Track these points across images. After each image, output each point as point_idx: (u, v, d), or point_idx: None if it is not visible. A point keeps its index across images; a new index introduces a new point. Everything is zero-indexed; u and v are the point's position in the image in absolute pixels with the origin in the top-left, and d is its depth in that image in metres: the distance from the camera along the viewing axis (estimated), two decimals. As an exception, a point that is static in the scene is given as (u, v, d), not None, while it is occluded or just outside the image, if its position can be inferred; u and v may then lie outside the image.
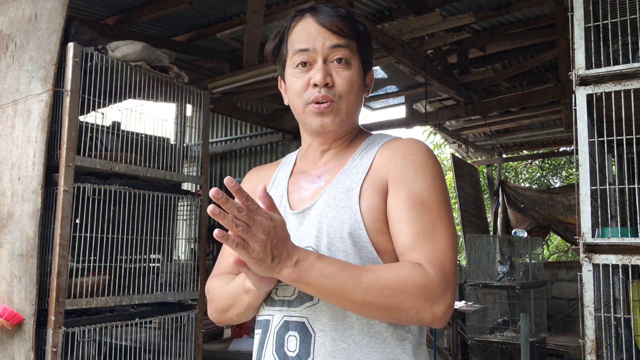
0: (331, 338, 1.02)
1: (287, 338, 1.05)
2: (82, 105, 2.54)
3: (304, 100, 1.12)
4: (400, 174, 1.06)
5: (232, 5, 4.20)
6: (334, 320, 1.02)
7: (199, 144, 3.29)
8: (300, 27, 1.14)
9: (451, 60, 5.42)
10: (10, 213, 2.42)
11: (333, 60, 1.11)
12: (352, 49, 1.13)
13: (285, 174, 1.24)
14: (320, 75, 1.09)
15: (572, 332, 6.29)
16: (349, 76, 1.12)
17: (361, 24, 1.16)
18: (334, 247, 1.04)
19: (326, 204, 1.08)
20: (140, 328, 2.78)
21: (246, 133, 6.35)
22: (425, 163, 1.07)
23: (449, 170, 12.00)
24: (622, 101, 2.06)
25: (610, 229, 2.08)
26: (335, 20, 1.11)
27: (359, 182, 1.08)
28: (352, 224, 1.04)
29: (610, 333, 2.06)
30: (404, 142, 1.13)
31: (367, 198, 1.06)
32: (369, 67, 1.21)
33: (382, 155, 1.11)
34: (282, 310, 1.07)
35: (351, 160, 1.14)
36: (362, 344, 1.02)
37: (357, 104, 1.16)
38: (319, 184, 1.15)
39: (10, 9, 2.63)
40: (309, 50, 1.11)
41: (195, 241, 3.24)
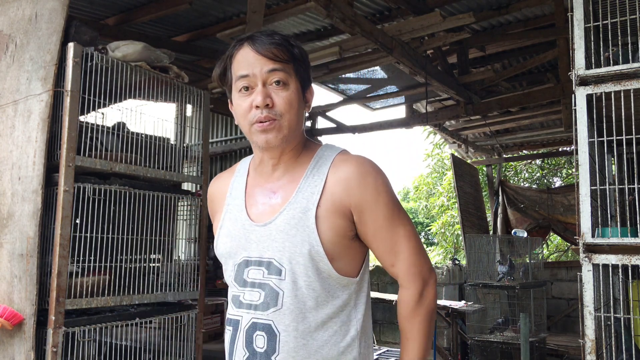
0: (293, 337, 1.22)
1: (255, 337, 1.24)
2: (82, 105, 2.54)
3: (248, 120, 1.26)
4: (361, 202, 1.25)
5: (232, 5, 4.20)
6: (295, 322, 1.22)
7: (199, 144, 3.29)
8: (240, 55, 1.28)
9: (451, 60, 5.41)
10: (10, 213, 2.42)
11: (272, 83, 1.25)
12: (288, 71, 1.26)
13: (241, 185, 1.38)
14: (260, 97, 1.23)
15: (572, 332, 6.29)
16: (287, 96, 1.26)
17: (297, 47, 1.30)
18: (295, 260, 1.23)
19: (286, 222, 1.25)
20: (140, 328, 2.78)
21: (246, 133, 6.34)
22: (375, 184, 1.27)
23: (448, 170, 12.01)
24: (622, 101, 2.06)
25: (610, 229, 2.08)
26: (270, 47, 1.25)
27: (314, 203, 1.25)
28: (311, 242, 1.22)
29: (610, 333, 2.06)
30: (351, 165, 1.28)
31: (324, 218, 1.24)
32: (308, 85, 1.34)
33: (335, 179, 1.27)
34: (249, 313, 1.25)
35: (304, 179, 1.29)
36: (318, 337, 1.23)
37: (298, 119, 1.29)
38: (275, 200, 1.30)
39: (11, 9, 2.63)
40: (249, 76, 1.25)
41: (195, 241, 3.25)
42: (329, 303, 1.24)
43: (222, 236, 1.35)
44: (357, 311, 1.29)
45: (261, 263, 1.26)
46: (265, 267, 1.25)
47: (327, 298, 1.24)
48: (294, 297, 1.22)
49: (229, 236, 1.33)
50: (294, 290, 1.22)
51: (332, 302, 1.25)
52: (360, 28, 3.56)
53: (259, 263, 1.26)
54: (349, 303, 1.27)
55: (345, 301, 1.27)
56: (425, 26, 3.80)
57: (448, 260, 11.66)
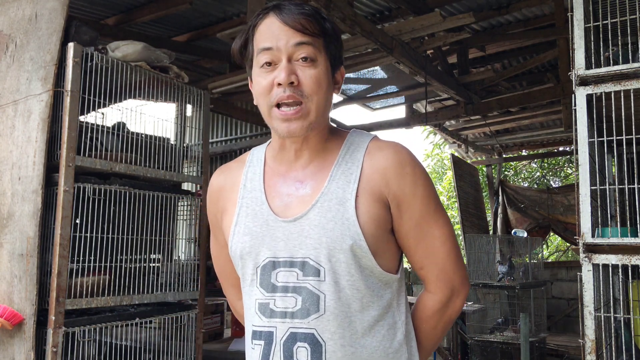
0: (340, 345, 1.07)
1: (296, 349, 1.07)
2: (82, 105, 2.54)
3: (268, 101, 1.10)
4: (399, 194, 1.12)
5: (232, 5, 4.20)
6: (341, 328, 1.07)
7: (199, 144, 3.29)
8: (264, 25, 1.11)
9: (451, 60, 5.41)
10: (10, 213, 2.42)
11: (298, 58, 1.09)
12: (317, 46, 1.10)
13: (258, 176, 1.20)
14: (284, 74, 1.07)
15: (572, 332, 6.29)
16: (315, 74, 1.09)
17: (328, 21, 1.14)
18: (335, 258, 1.08)
19: (322, 215, 1.09)
20: (140, 328, 2.78)
21: (246, 133, 6.35)
22: (413, 175, 1.13)
23: (448, 170, 12.01)
24: (622, 101, 2.06)
25: (610, 229, 2.08)
26: (298, 17, 1.08)
27: (352, 193, 1.10)
28: (353, 236, 1.07)
29: (610, 333, 2.06)
30: (389, 151, 1.14)
31: (364, 208, 1.09)
32: (339, 64, 1.18)
33: (373, 167, 1.13)
34: (285, 322, 1.08)
35: (336, 166, 1.14)
36: (366, 344, 1.09)
37: (327, 102, 1.13)
38: (304, 191, 1.14)
39: (11, 9, 2.63)
40: (272, 49, 1.08)
41: (195, 241, 3.24)
42: (374, 304, 1.10)
43: (238, 234, 1.16)
44: (400, 312, 1.16)
45: (293, 264, 1.10)
46: (299, 268, 1.09)
47: (372, 298, 1.10)
48: (337, 299, 1.07)
49: (249, 234, 1.14)
50: (337, 292, 1.07)
51: (377, 303, 1.11)
52: (360, 28, 3.56)
53: (291, 264, 1.10)
54: (392, 304, 1.14)
55: (389, 301, 1.13)
56: (425, 26, 3.80)
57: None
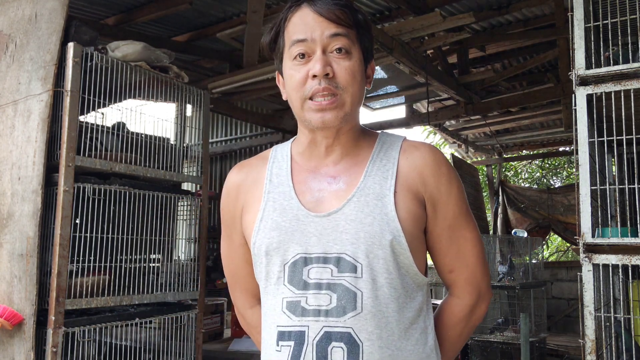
0: (378, 346, 1.03)
1: (331, 350, 1.02)
2: (82, 105, 2.54)
3: (303, 94, 1.07)
4: (435, 193, 1.11)
5: (232, 5, 4.20)
6: (378, 328, 1.03)
7: (199, 144, 3.29)
8: (297, 17, 1.09)
9: (451, 60, 5.41)
10: (10, 213, 2.42)
11: (332, 50, 1.07)
12: (352, 38, 1.09)
13: (285, 171, 1.17)
14: (319, 65, 1.05)
15: (572, 332, 6.29)
16: (350, 66, 1.07)
17: (360, 13, 1.13)
18: (373, 254, 1.04)
19: (359, 210, 1.06)
20: (140, 328, 2.78)
21: (246, 133, 6.35)
22: (449, 176, 1.13)
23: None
24: (622, 101, 2.06)
25: (610, 229, 2.08)
26: (333, 8, 1.07)
27: (390, 189, 1.08)
28: (393, 232, 1.05)
29: (610, 333, 2.06)
30: (425, 151, 1.14)
31: (403, 205, 1.08)
32: (370, 57, 1.17)
33: (409, 164, 1.12)
34: (319, 321, 1.03)
35: (371, 162, 1.12)
36: (402, 347, 1.06)
37: (360, 95, 1.11)
38: (337, 186, 1.11)
39: (10, 9, 2.63)
40: (306, 41, 1.06)
41: (195, 241, 3.24)
42: (409, 305, 1.07)
43: (264, 229, 1.11)
44: (429, 317, 1.12)
45: (327, 260, 1.05)
46: (334, 264, 1.05)
47: (407, 299, 1.07)
48: (374, 298, 1.03)
49: (277, 229, 1.09)
50: (374, 289, 1.03)
51: (411, 305, 1.08)
52: (360, 28, 3.55)
53: (325, 260, 1.05)
54: (423, 307, 1.11)
55: (421, 304, 1.10)
56: (425, 26, 3.80)
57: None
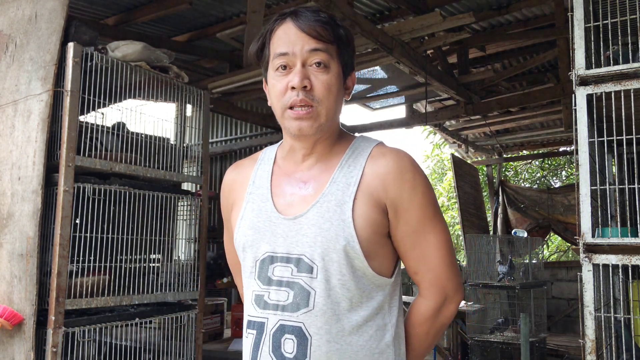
0: (326, 340, 1.12)
1: (284, 340, 1.13)
2: (82, 105, 2.54)
3: (283, 103, 1.16)
4: (397, 200, 1.16)
5: (232, 5, 4.20)
6: (327, 324, 1.12)
7: (199, 144, 3.29)
8: (281, 31, 1.18)
9: (451, 60, 5.41)
10: (10, 213, 2.42)
11: (312, 64, 1.15)
12: (331, 52, 1.17)
13: (266, 173, 1.27)
14: (297, 78, 1.13)
15: (572, 332, 6.29)
16: (327, 80, 1.15)
17: (342, 28, 1.20)
18: (328, 257, 1.13)
19: (320, 215, 1.15)
20: (140, 328, 2.78)
21: (246, 133, 6.35)
22: (413, 182, 1.17)
23: (448, 170, 12.01)
24: (622, 101, 2.06)
25: (610, 229, 2.08)
26: (314, 25, 1.15)
27: (351, 196, 1.15)
28: (347, 237, 1.12)
29: (610, 333, 2.06)
30: (391, 158, 1.19)
31: (361, 211, 1.15)
32: (350, 70, 1.24)
33: (373, 172, 1.17)
34: (276, 314, 1.14)
35: (339, 169, 1.20)
36: (352, 342, 1.13)
37: (337, 107, 1.19)
38: (306, 191, 1.20)
39: (10, 9, 2.63)
40: (288, 54, 1.15)
41: (195, 241, 3.24)
42: (364, 305, 1.15)
43: (243, 228, 1.23)
44: (392, 315, 1.20)
45: (289, 260, 1.15)
46: (294, 264, 1.15)
47: (362, 299, 1.15)
48: (326, 297, 1.12)
49: (252, 228, 1.21)
50: (327, 289, 1.12)
51: (367, 304, 1.16)
52: (360, 28, 3.56)
53: (287, 259, 1.16)
54: (383, 306, 1.18)
55: (380, 303, 1.18)
56: (425, 26, 3.80)
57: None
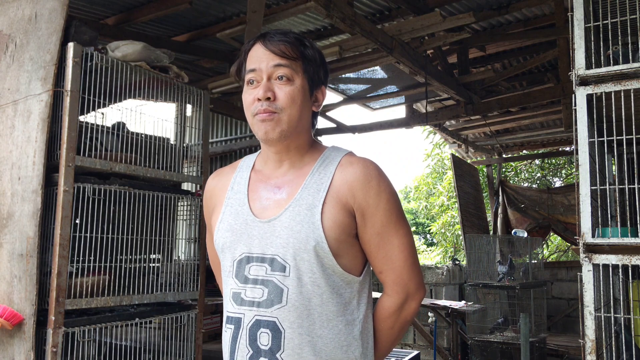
0: (298, 333, 1.22)
1: (260, 334, 1.24)
2: (82, 105, 2.54)
3: (251, 112, 1.29)
4: (363, 204, 1.27)
5: (232, 5, 4.20)
6: (300, 318, 1.23)
7: (199, 144, 3.29)
8: (252, 51, 1.32)
9: (451, 60, 5.42)
10: (10, 213, 2.42)
11: (276, 77, 1.28)
12: (294, 67, 1.29)
13: (244, 180, 1.39)
14: (262, 90, 1.27)
15: (572, 332, 6.29)
16: (289, 91, 1.27)
17: (311, 48, 1.33)
18: (299, 257, 1.24)
19: (292, 218, 1.26)
20: (140, 328, 2.78)
21: (246, 133, 6.34)
22: (378, 188, 1.28)
23: (448, 170, 12.00)
24: (622, 101, 2.06)
25: (610, 229, 2.08)
26: (278, 44, 1.28)
27: (320, 200, 1.26)
28: (316, 239, 1.23)
29: (610, 333, 2.06)
30: (358, 166, 1.30)
31: (329, 214, 1.25)
32: (318, 85, 1.36)
33: (341, 178, 1.28)
34: (252, 310, 1.25)
35: (310, 175, 1.31)
36: (323, 335, 1.24)
37: (300, 115, 1.30)
38: (280, 196, 1.31)
39: (10, 9, 2.63)
40: (256, 70, 1.29)
41: (195, 241, 3.24)
42: (333, 300, 1.25)
43: (221, 230, 1.34)
44: (360, 311, 1.30)
45: (264, 259, 1.26)
46: (269, 264, 1.25)
47: (332, 295, 1.25)
48: (298, 293, 1.23)
49: (230, 230, 1.32)
50: (299, 287, 1.23)
51: (336, 300, 1.26)
52: (360, 28, 3.56)
53: (262, 259, 1.26)
54: (352, 302, 1.29)
55: (349, 299, 1.28)
56: (425, 26, 3.80)
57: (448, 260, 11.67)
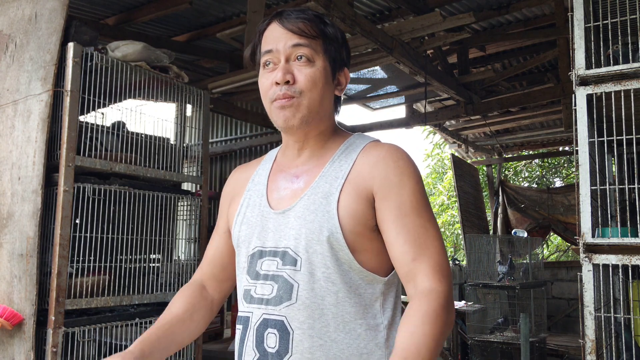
0: (308, 335, 1.07)
1: (267, 335, 1.10)
2: (82, 105, 2.54)
3: (268, 98, 1.17)
4: (386, 183, 1.12)
5: (232, 5, 4.20)
6: (311, 318, 1.08)
7: (199, 144, 3.29)
8: (268, 31, 1.20)
9: (451, 60, 5.41)
10: (10, 213, 2.42)
11: (295, 58, 1.16)
12: (314, 47, 1.17)
13: (265, 171, 1.29)
14: (280, 73, 1.14)
15: (572, 332, 6.29)
16: (310, 73, 1.15)
17: (330, 25, 1.21)
18: (312, 249, 1.10)
19: (305, 208, 1.14)
20: (140, 328, 2.78)
21: (246, 133, 6.35)
22: (407, 169, 1.14)
23: (448, 170, 12.01)
24: (622, 101, 2.06)
25: (610, 229, 2.08)
26: (296, 22, 1.17)
27: (337, 188, 1.13)
28: (330, 229, 1.10)
29: (610, 333, 2.06)
30: (384, 149, 1.17)
31: (346, 203, 1.12)
32: (341, 66, 1.24)
33: (363, 162, 1.16)
34: (260, 308, 1.12)
35: (330, 163, 1.19)
36: (338, 340, 1.08)
37: (322, 100, 1.18)
38: (297, 185, 1.20)
39: (10, 9, 2.63)
40: (272, 51, 1.17)
41: (195, 241, 3.24)
42: (351, 300, 1.10)
43: (238, 224, 1.24)
44: (385, 316, 1.13)
45: (276, 253, 1.14)
46: (280, 258, 1.13)
47: (349, 294, 1.09)
48: (310, 290, 1.09)
49: (246, 223, 1.22)
50: (311, 282, 1.09)
51: (355, 300, 1.10)
52: (360, 28, 3.56)
53: (274, 253, 1.14)
54: (374, 304, 1.12)
55: (370, 301, 1.12)
56: (426, 26, 3.80)
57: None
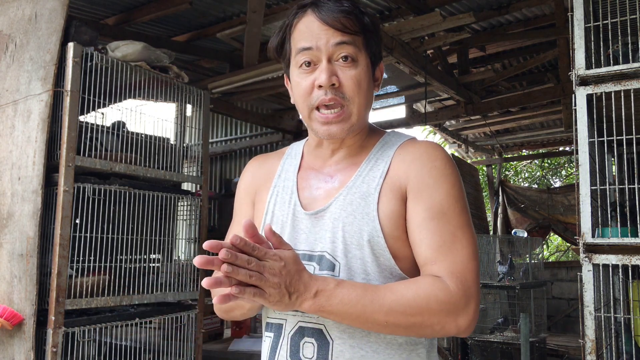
0: (349, 345, 1.01)
1: (303, 344, 1.03)
2: (82, 105, 2.54)
3: (309, 103, 1.08)
4: (419, 182, 1.04)
5: (232, 5, 4.20)
6: (351, 327, 1.01)
7: (199, 144, 3.29)
8: (302, 24, 1.08)
9: (451, 60, 5.41)
10: (10, 213, 2.42)
11: (338, 58, 1.06)
12: (357, 44, 1.07)
13: (293, 167, 1.20)
14: (325, 75, 1.04)
15: (572, 332, 6.29)
16: (356, 75, 1.06)
17: (367, 15, 1.11)
18: (351, 253, 1.03)
19: (342, 209, 1.06)
20: (140, 328, 2.78)
21: (246, 133, 6.35)
22: (444, 170, 1.06)
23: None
24: (622, 101, 2.06)
25: (610, 229, 2.08)
26: (338, 16, 1.05)
27: (376, 188, 1.06)
28: (371, 232, 1.02)
29: (610, 333, 2.06)
30: (422, 146, 1.10)
31: (386, 204, 1.04)
32: (378, 60, 1.16)
33: (400, 160, 1.08)
34: (295, 315, 1.05)
35: (366, 162, 1.11)
36: (379, 350, 1.02)
37: (367, 103, 1.10)
38: (332, 184, 1.12)
39: (10, 9, 2.63)
40: (312, 49, 1.06)
41: (195, 241, 3.24)
42: None
43: (267, 222, 1.16)
44: None
45: (311, 257, 1.06)
46: (317, 262, 1.05)
47: None
48: None
49: (275, 223, 1.14)
50: None
51: None
52: (360, 28, 3.55)
53: (309, 257, 1.06)
54: None
55: None
56: (426, 26, 3.80)
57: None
